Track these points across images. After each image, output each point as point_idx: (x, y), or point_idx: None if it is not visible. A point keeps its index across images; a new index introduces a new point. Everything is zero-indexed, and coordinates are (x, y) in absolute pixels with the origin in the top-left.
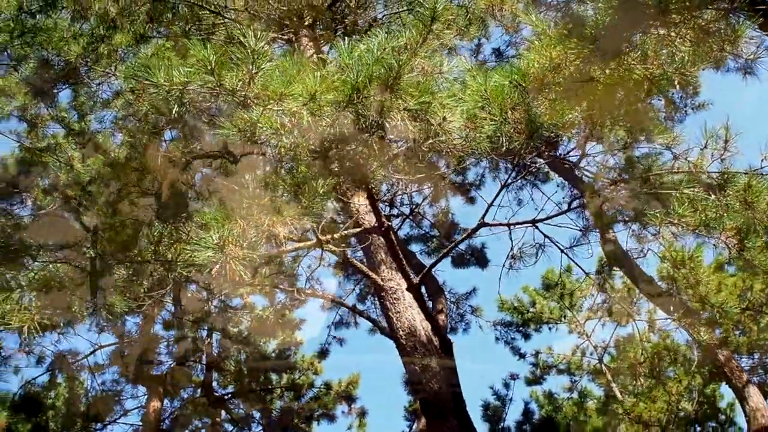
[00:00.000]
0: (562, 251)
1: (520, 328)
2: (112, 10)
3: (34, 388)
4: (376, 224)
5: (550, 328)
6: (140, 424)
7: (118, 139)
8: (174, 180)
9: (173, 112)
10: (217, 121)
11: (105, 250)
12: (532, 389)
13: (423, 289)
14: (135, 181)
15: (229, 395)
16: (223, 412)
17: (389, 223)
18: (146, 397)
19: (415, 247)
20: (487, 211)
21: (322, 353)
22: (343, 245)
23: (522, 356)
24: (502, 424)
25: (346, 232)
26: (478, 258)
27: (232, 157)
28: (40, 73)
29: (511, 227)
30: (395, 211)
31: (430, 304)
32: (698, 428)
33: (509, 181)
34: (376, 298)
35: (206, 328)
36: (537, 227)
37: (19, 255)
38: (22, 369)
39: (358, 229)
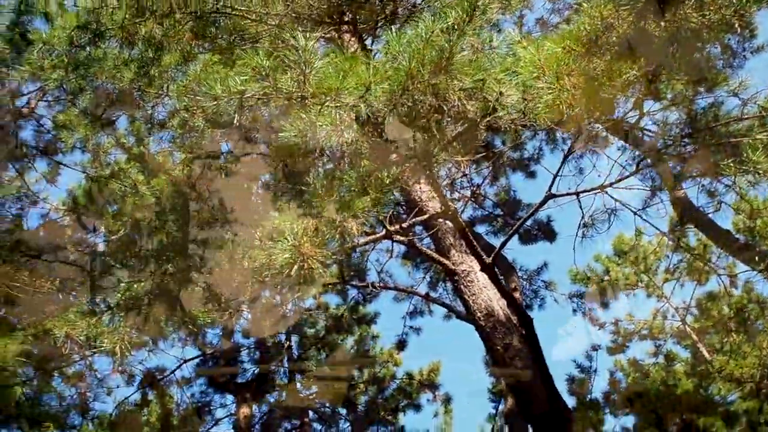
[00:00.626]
0: (635, 213)
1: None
2: (157, 33)
3: (127, 407)
4: (442, 209)
5: (627, 295)
6: (232, 431)
7: (177, 158)
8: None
9: (234, 121)
10: (275, 127)
11: (181, 266)
12: (615, 358)
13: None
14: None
15: (314, 395)
16: (310, 412)
17: (455, 206)
18: (235, 404)
19: (480, 229)
20: (552, 182)
21: (400, 344)
22: (411, 234)
23: (602, 326)
24: (589, 396)
25: (412, 220)
26: (546, 232)
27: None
28: (97, 102)
29: (580, 195)
30: (456, 195)
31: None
32: None
33: (572, 149)
34: (449, 284)
35: (284, 332)
36: (606, 192)
37: (103, 278)
38: (115, 389)
39: (425, 216)
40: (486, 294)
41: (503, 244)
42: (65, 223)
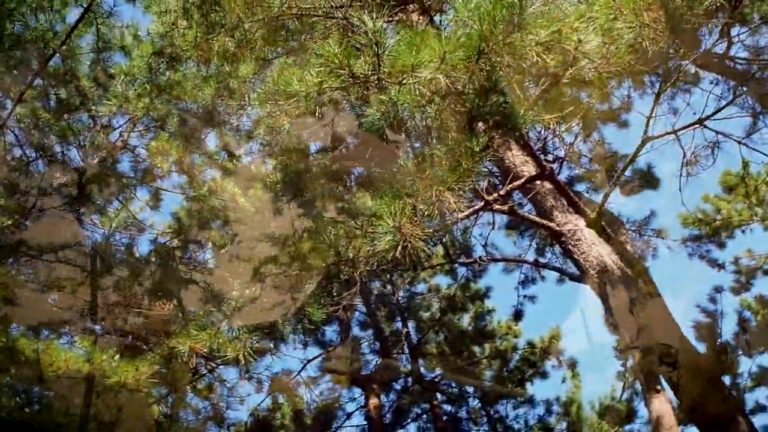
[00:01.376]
0: (739, 143)
1: (712, 239)
2: (230, 46)
3: (261, 413)
4: (537, 171)
5: (743, 231)
6: (365, 423)
7: (269, 166)
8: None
9: (317, 114)
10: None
11: (293, 266)
12: (741, 298)
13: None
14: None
15: (439, 377)
16: (438, 395)
17: (550, 166)
18: (363, 396)
19: (579, 188)
20: (647, 125)
21: (517, 315)
22: (509, 202)
23: (721, 267)
24: (719, 340)
25: (509, 187)
26: (648, 179)
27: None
28: (184, 123)
29: (678, 133)
30: (550, 157)
31: None
32: None
33: (662, 89)
34: (557, 246)
35: (400, 319)
36: (705, 126)
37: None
38: (246, 397)
39: (521, 181)
40: (596, 250)
41: (606, 197)
42: (174, 245)
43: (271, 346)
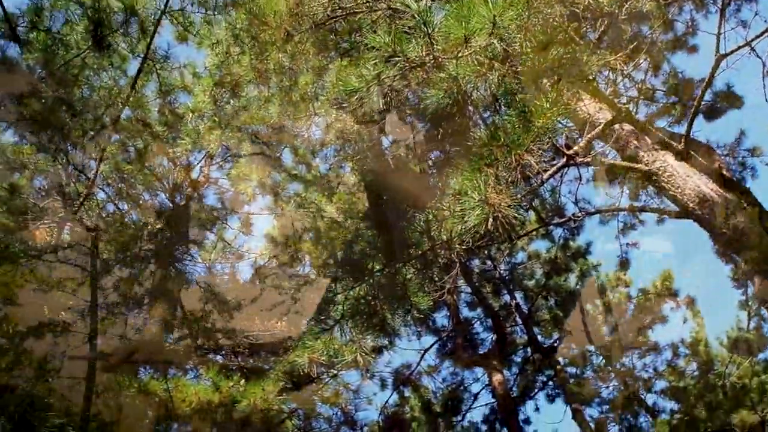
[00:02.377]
0: None
1: None
2: (285, 62)
3: (390, 410)
4: (614, 115)
5: None
6: (493, 400)
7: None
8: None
9: (380, 104)
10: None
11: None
12: None
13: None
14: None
15: (557, 341)
16: (560, 359)
17: (626, 107)
18: (486, 375)
19: (660, 123)
20: (718, 42)
21: (623, 264)
22: (591, 153)
23: None
24: None
25: (588, 137)
26: (730, 99)
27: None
28: (258, 146)
29: (752, 44)
30: (624, 99)
31: None
32: None
33: (726, 1)
34: (650, 186)
35: (507, 292)
36: None
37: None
38: (373, 396)
39: (599, 128)
40: (691, 182)
41: (690, 125)
42: (273, 266)
43: (386, 342)
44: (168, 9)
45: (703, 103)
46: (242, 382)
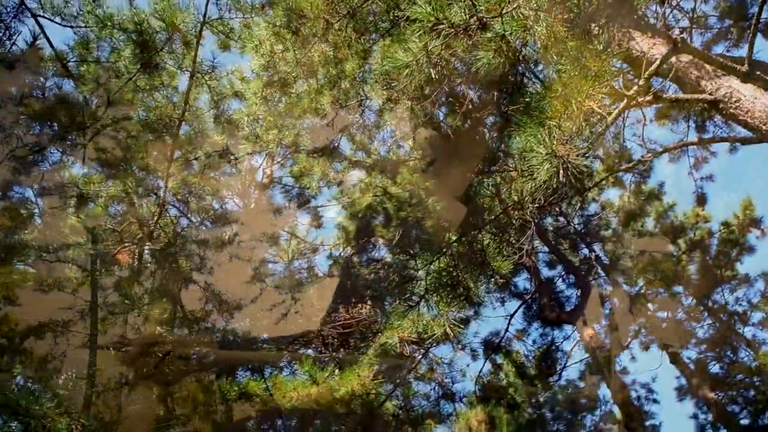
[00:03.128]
0: None
1: None
2: (328, 52)
3: (485, 378)
4: (669, 47)
5: None
6: (587, 356)
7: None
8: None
9: (431, 76)
10: (471, 58)
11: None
12: None
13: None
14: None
15: (643, 288)
16: (650, 305)
17: (681, 37)
18: (576, 331)
19: (717, 49)
20: None
21: (700, 199)
22: (652, 90)
23: None
24: None
25: (646, 74)
26: None
27: None
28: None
29: None
30: (676, 31)
31: None
32: None
33: None
34: (718, 115)
35: (584, 245)
36: None
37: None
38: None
39: (656, 64)
40: (761, 103)
41: (752, 44)
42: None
43: (472, 312)
44: (207, 20)
45: (762, 19)
46: (337, 371)
